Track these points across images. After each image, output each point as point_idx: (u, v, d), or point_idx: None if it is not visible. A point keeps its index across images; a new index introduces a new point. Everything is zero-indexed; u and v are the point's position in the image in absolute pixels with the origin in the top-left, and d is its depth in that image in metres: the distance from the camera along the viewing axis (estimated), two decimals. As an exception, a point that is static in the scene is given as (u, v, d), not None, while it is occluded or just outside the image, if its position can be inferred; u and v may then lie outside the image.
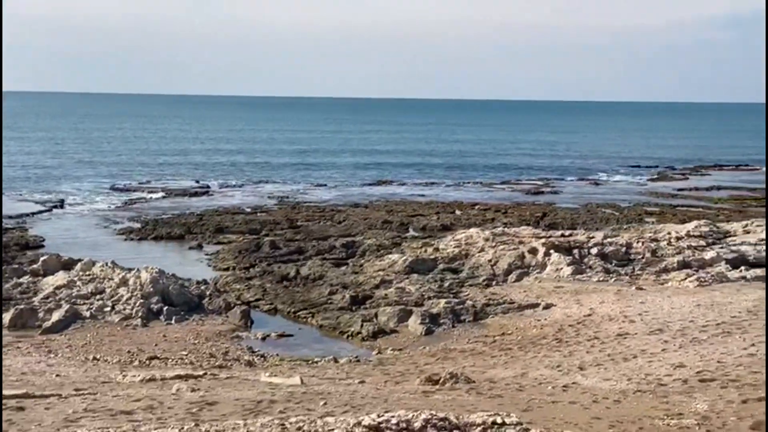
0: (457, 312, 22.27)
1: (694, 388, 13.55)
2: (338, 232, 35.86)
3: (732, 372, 14.36)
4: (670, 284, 24.67)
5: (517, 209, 44.76)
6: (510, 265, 26.76)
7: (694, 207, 47.06)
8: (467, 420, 9.93)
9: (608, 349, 17.04)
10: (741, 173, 70.11)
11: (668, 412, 12.25)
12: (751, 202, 50.06)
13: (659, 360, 15.66)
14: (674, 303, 21.09)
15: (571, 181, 62.82)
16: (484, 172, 68.74)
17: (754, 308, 19.94)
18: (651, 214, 43.36)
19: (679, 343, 17.02)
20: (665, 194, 53.97)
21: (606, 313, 20.52)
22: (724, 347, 16.30)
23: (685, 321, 19.03)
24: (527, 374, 15.63)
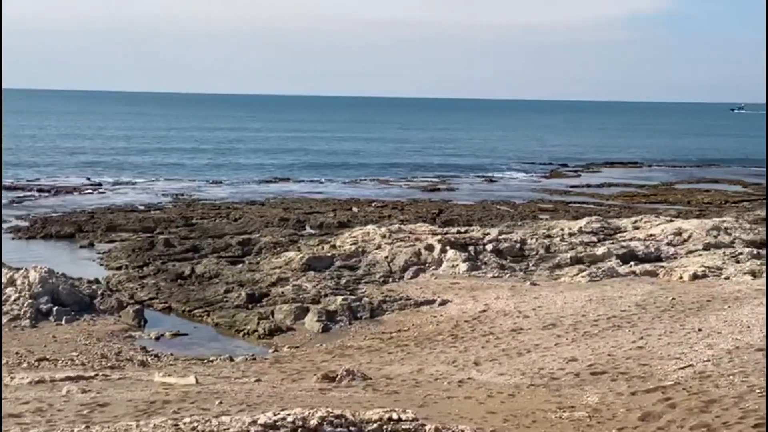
0: (354, 309, 22.28)
1: (586, 381, 13.82)
2: (234, 230, 35.50)
3: (622, 365, 14.70)
4: (563, 280, 25.12)
5: (413, 206, 45.01)
6: (406, 261, 26.88)
7: (586, 204, 48.01)
8: (363, 417, 9.92)
9: (503, 345, 17.26)
10: (631, 170, 71.84)
11: (560, 405, 12.47)
12: (641, 198, 51.36)
13: (552, 354, 15.93)
14: (567, 298, 21.49)
15: (466, 179, 63.47)
16: (381, 170, 68.93)
17: (643, 302, 20.46)
18: (545, 210, 44.09)
19: (572, 337, 17.34)
20: (559, 191, 54.96)
21: (501, 308, 20.78)
22: (615, 341, 16.68)
23: (577, 315, 19.40)
24: (423, 370, 15.72)
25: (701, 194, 52.67)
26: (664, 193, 54.15)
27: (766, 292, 14.68)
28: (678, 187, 57.95)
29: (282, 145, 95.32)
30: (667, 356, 15.12)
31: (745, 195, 53.02)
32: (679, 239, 29.64)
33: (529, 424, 11.69)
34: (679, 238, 29.69)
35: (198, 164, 70.66)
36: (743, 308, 19.07)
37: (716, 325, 17.50)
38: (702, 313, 18.86)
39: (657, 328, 17.48)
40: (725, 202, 48.43)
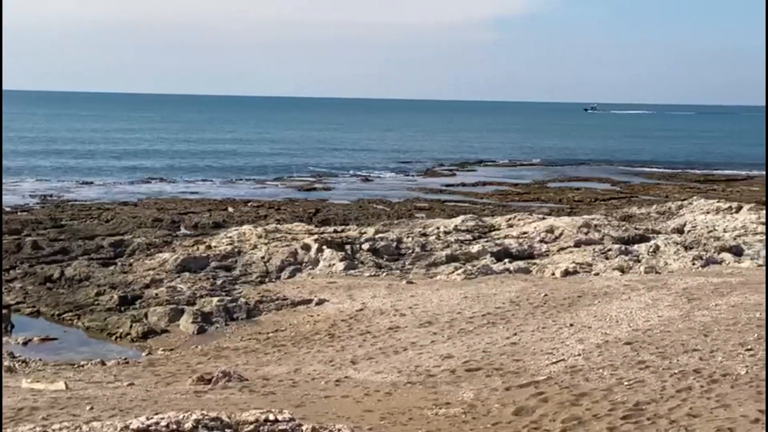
0: (230, 310, 22.01)
1: (461, 377, 13.97)
2: (106, 231, 34.66)
3: (496, 361, 14.91)
4: (439, 278, 25.37)
5: (289, 206, 44.80)
6: (283, 261, 26.73)
7: (461, 202, 48.62)
8: (239, 418, 9.78)
9: (380, 343, 17.31)
10: (504, 169, 73.13)
11: (437, 402, 12.56)
12: (514, 196, 52.32)
13: (428, 352, 16.05)
14: (443, 296, 21.69)
15: (343, 178, 63.57)
16: (257, 169, 68.42)
17: (517, 299, 20.81)
18: (420, 209, 44.47)
19: (448, 334, 17.51)
20: (434, 190, 55.50)
21: (378, 307, 20.84)
22: (490, 337, 16.91)
23: (453, 313, 19.60)
24: (300, 370, 15.63)
25: (572, 192, 53.98)
26: (536, 191, 55.29)
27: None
28: (550, 185, 59.25)
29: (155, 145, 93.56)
30: (539, 351, 15.41)
31: (614, 193, 54.60)
32: (551, 236, 30.30)
33: (406, 421, 11.74)
34: (551, 236, 30.36)
35: (66, 165, 68.53)
36: (612, 303, 19.60)
37: (586, 320, 17.93)
38: (573, 308, 19.30)
39: (530, 324, 17.81)
40: (595, 200, 49.78)
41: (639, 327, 16.95)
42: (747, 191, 54.82)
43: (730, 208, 37.95)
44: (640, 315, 18.08)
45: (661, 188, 57.18)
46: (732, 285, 21.40)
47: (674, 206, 40.52)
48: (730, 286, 21.25)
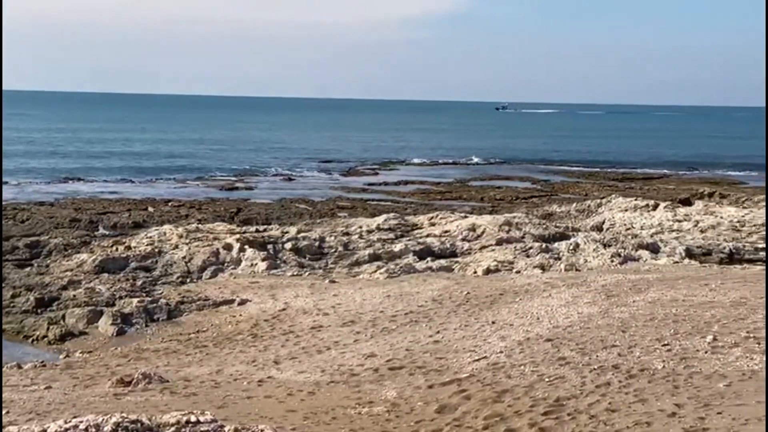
0: (151, 311, 21.71)
1: (384, 376, 13.98)
2: (21, 232, 33.86)
3: (419, 359, 14.96)
4: (362, 277, 25.38)
5: (211, 205, 44.36)
6: (204, 261, 26.47)
7: (383, 201, 48.70)
8: (160, 421, 9.64)
9: (303, 342, 17.24)
10: (429, 168, 73.46)
11: (360, 401, 12.56)
12: (436, 195, 52.58)
13: (351, 351, 16.03)
14: (365, 295, 21.70)
15: (265, 177, 63.18)
16: (178, 169, 67.63)
17: (439, 297, 20.92)
18: (343, 208, 44.42)
19: (371, 333, 17.52)
20: (356, 189, 55.49)
21: (300, 306, 20.77)
22: (412, 335, 16.96)
23: (376, 312, 19.62)
24: (223, 371, 15.49)
25: (493, 191, 54.45)
26: (458, 190, 55.62)
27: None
28: (472, 184, 59.67)
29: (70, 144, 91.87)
30: (462, 349, 15.50)
31: (534, 191, 55.21)
32: (473, 235, 30.52)
33: (329, 420, 11.72)
34: (473, 234, 30.58)
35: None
36: (533, 301, 19.81)
37: (508, 317, 18.09)
38: (495, 306, 19.46)
39: (453, 322, 17.91)
40: (516, 199, 50.29)
41: (559, 324, 17.16)
42: (663, 189, 55.91)
43: (647, 206, 38.72)
44: (561, 312, 18.31)
45: (580, 186, 58.01)
46: (649, 281, 21.81)
47: (593, 204, 41.17)
48: (647, 282, 21.65)
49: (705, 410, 11.10)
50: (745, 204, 42.44)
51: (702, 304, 18.30)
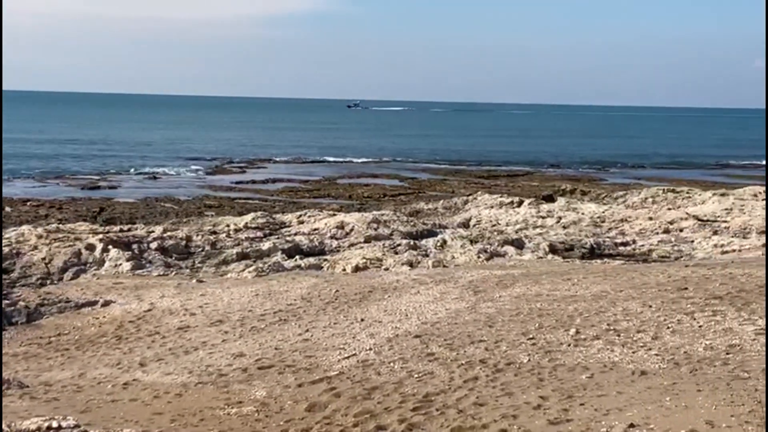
0: (8, 314, 20.91)
1: (254, 375, 13.84)
2: None
3: (288, 358, 14.87)
4: (230, 276, 25.09)
5: (72, 204, 43.22)
6: (66, 262, 25.69)
7: (251, 199, 48.34)
8: (20, 427, 9.32)
9: (169, 344, 16.91)
10: (296, 166, 73.23)
11: (228, 402, 12.41)
12: (304, 193, 52.48)
13: (220, 351, 15.82)
14: (234, 294, 21.44)
15: (128, 176, 61.87)
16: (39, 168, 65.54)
17: (308, 295, 20.84)
18: (210, 207, 43.91)
19: (239, 332, 17.32)
20: (223, 187, 54.95)
21: (167, 307, 20.37)
22: (282, 334, 16.84)
23: (245, 311, 19.41)
24: (86, 374, 15.05)
25: (361, 188, 54.70)
26: (326, 187, 55.69)
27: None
28: (340, 181, 59.82)
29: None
30: (331, 347, 15.48)
31: (402, 189, 55.69)
32: (342, 233, 30.56)
33: (197, 422, 11.54)
34: (341, 232, 30.62)
35: None
36: (402, 297, 19.95)
37: (377, 314, 18.16)
38: (364, 303, 19.51)
39: (322, 320, 17.87)
40: (384, 196, 50.63)
41: (428, 320, 17.32)
42: (527, 186, 57.20)
43: (512, 202, 39.57)
44: (429, 308, 18.48)
45: (447, 184, 58.82)
46: (514, 277, 22.24)
47: (460, 201, 41.82)
48: (512, 278, 22.07)
49: (568, 402, 11.38)
50: (605, 200, 43.83)
51: (565, 298, 18.77)
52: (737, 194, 40.66)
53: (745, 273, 20.94)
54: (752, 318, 15.84)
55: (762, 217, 34.11)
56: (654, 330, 15.30)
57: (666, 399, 11.10)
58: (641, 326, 15.64)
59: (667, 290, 19.02)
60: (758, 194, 40.19)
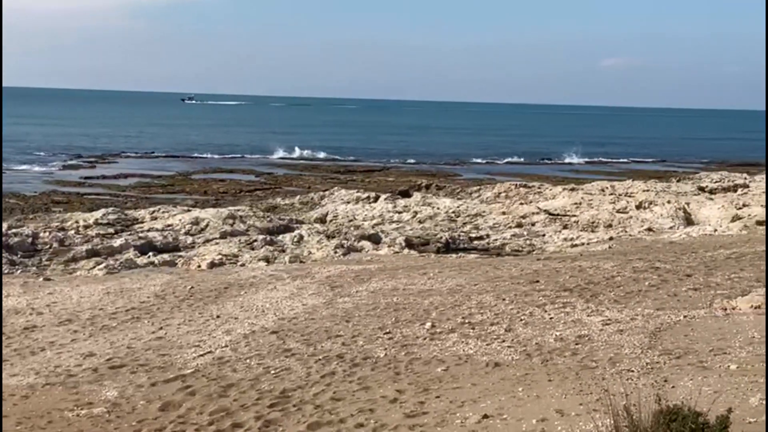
0: None
1: (105, 375, 13.45)
2: None
3: (141, 357, 14.52)
4: (80, 273, 24.36)
5: None
6: None
7: (102, 195, 47.09)
8: None
9: (15, 344, 16.26)
10: (148, 161, 71.71)
11: (78, 402, 12.04)
12: (158, 189, 51.44)
13: (69, 351, 15.31)
14: (84, 292, 20.83)
15: (-29, 170, 59.34)
16: None
17: (162, 292, 20.44)
18: (58, 203, 42.49)
19: (90, 332, 16.82)
20: (72, 182, 53.30)
21: (12, 306, 19.60)
22: (134, 333, 16.45)
23: (95, 309, 18.87)
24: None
25: (217, 184, 53.96)
26: (181, 183, 54.70)
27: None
28: (195, 177, 58.83)
29: None
30: (186, 345, 15.21)
31: (258, 184, 55.26)
32: (197, 228, 30.13)
33: (45, 425, 11.14)
34: (197, 228, 30.19)
35: None
36: (258, 293, 19.79)
37: (233, 311, 17.96)
38: (220, 300, 19.27)
39: (177, 318, 17.54)
40: (240, 191, 50.10)
41: (285, 316, 17.23)
42: (384, 181, 57.57)
43: (368, 197, 39.80)
44: (286, 304, 18.40)
45: (304, 179, 58.67)
46: (371, 272, 22.37)
47: (317, 197, 41.81)
48: (369, 272, 22.20)
49: (424, 395, 11.49)
50: (460, 195, 44.55)
51: (421, 292, 18.99)
52: (586, 189, 42.01)
53: (593, 266, 21.66)
54: (599, 309, 16.38)
55: (608, 211, 35.35)
56: (507, 322, 15.63)
57: (519, 389, 11.34)
58: (495, 319, 15.96)
59: (520, 283, 19.48)
60: (605, 189, 41.63)
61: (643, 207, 36.30)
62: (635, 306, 16.55)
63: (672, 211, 34.70)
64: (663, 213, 34.64)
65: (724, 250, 24.45)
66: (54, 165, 65.14)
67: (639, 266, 21.38)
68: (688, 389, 10.43)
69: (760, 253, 23.15)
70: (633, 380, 11.28)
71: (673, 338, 13.74)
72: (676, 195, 39.40)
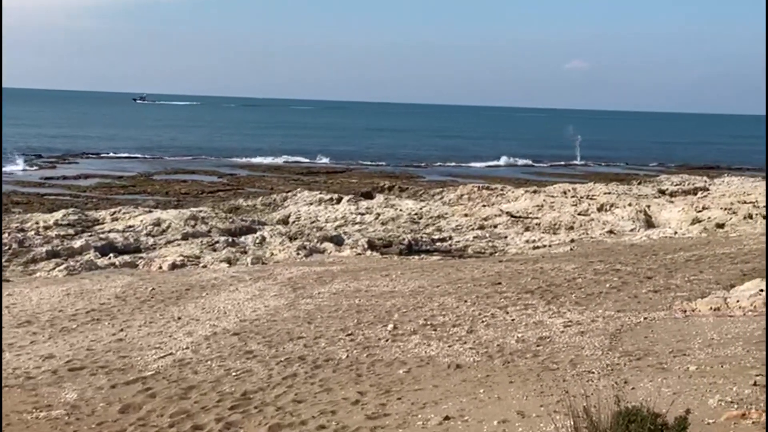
0: None
1: (64, 378, 13.34)
2: None
3: (101, 358, 14.41)
4: (39, 275, 24.12)
5: None
6: None
7: (62, 196, 46.66)
8: None
9: (-27, 346, 16.10)
10: (109, 161, 71.12)
11: (37, 405, 11.93)
12: (119, 189, 51.04)
13: (28, 353, 15.16)
14: (43, 293, 20.64)
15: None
16: None
17: (123, 294, 20.30)
18: (18, 203, 42.05)
19: (49, 333, 16.67)
20: (32, 183, 52.80)
21: (-30, 307, 19.38)
22: (94, 334, 16.32)
23: (55, 311, 18.71)
24: None
25: (179, 185, 53.68)
26: (142, 183, 54.35)
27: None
28: (156, 178, 58.47)
29: None
30: (147, 346, 15.11)
31: (221, 185, 55.02)
32: (159, 230, 29.95)
33: (3, 427, 11.01)
34: (158, 229, 30.00)
35: None
36: (220, 295, 19.71)
37: (195, 312, 17.87)
38: (181, 301, 19.17)
39: (137, 319, 17.42)
40: (202, 193, 49.85)
41: (247, 317, 17.18)
42: (347, 183, 57.54)
43: (331, 199, 39.75)
44: (248, 305, 18.34)
45: (266, 180, 58.49)
46: (333, 273, 22.35)
47: (279, 198, 41.70)
48: (331, 274, 22.17)
49: (386, 396, 11.50)
50: (423, 197, 44.62)
51: (383, 293, 19.00)
52: (548, 191, 42.24)
53: (554, 268, 21.78)
54: (561, 311, 16.47)
55: (570, 214, 35.56)
56: (469, 324, 15.68)
57: (480, 391, 11.37)
58: (457, 320, 16.00)
59: (482, 285, 19.55)
60: (567, 191, 41.88)
61: (604, 209, 36.57)
62: (596, 308, 16.67)
63: (633, 214, 35.00)
64: (624, 215, 34.93)
65: (684, 252, 24.68)
66: (13, 165, 64.39)
67: (600, 268, 21.53)
68: (647, 390, 10.51)
69: (720, 255, 23.42)
70: (593, 382, 11.35)
71: (634, 340, 13.85)
72: (637, 198, 39.73)
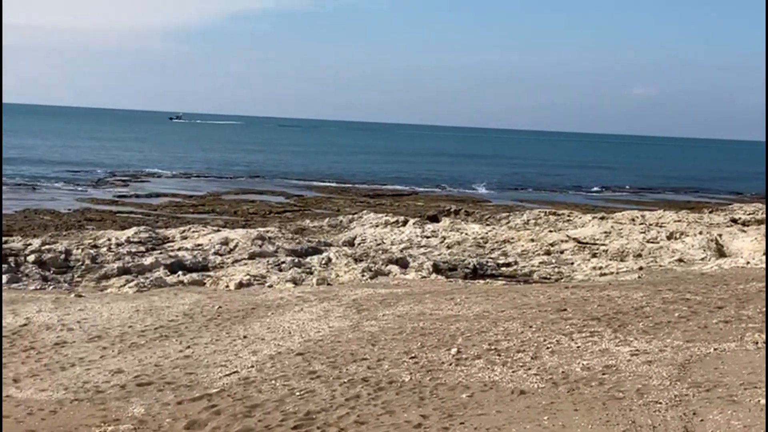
0: None
1: (132, 392, 13.56)
2: None
3: (168, 374, 14.61)
4: (110, 291, 24.55)
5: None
6: (-63, 274, 24.74)
7: (134, 213, 47.49)
8: None
9: (45, 359, 16.43)
10: (180, 180, 72.18)
11: (105, 419, 12.13)
12: (189, 208, 51.79)
13: (97, 367, 15.45)
14: (113, 309, 21.00)
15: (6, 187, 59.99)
16: None
17: (190, 311, 20.56)
18: (91, 220, 42.93)
19: (118, 348, 16.95)
20: (106, 200, 53.85)
21: (43, 322, 19.79)
22: (162, 351, 16.56)
23: (125, 327, 19.02)
24: (-46, 391, 14.49)
25: (247, 204, 54.29)
26: (211, 203, 55.08)
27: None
28: (225, 197, 59.24)
29: None
30: (213, 364, 15.29)
31: (288, 206, 55.52)
32: (226, 249, 30.28)
33: (72, 441, 11.24)
34: (226, 248, 30.33)
35: None
36: (285, 315, 19.85)
37: (260, 331, 18.03)
38: (247, 320, 19.34)
39: (204, 337, 17.64)
40: (269, 213, 50.34)
41: (311, 338, 17.27)
42: (413, 206, 57.66)
43: (397, 221, 39.85)
44: (312, 326, 18.44)
45: (333, 202, 58.87)
46: (398, 296, 22.37)
47: (345, 220, 41.90)
48: (396, 296, 22.20)
49: (449, 420, 11.49)
50: (489, 221, 44.50)
51: (447, 317, 18.97)
52: (616, 218, 41.85)
53: (621, 295, 21.55)
54: (628, 339, 16.29)
55: (638, 241, 35.16)
56: (534, 350, 15.59)
57: (544, 418, 11.31)
58: (521, 346, 15.92)
59: (547, 311, 19.42)
60: (635, 219, 41.44)
61: (674, 237, 36.09)
62: (664, 337, 16.45)
63: (704, 243, 34.47)
64: (694, 244, 34.42)
65: (756, 282, 24.23)
66: (88, 183, 65.77)
67: (669, 297, 21.25)
68: (716, 423, 10.37)
69: (791, 286, 22.96)
70: (660, 412, 11.22)
71: (703, 371, 13.64)
72: (708, 226, 39.17)
